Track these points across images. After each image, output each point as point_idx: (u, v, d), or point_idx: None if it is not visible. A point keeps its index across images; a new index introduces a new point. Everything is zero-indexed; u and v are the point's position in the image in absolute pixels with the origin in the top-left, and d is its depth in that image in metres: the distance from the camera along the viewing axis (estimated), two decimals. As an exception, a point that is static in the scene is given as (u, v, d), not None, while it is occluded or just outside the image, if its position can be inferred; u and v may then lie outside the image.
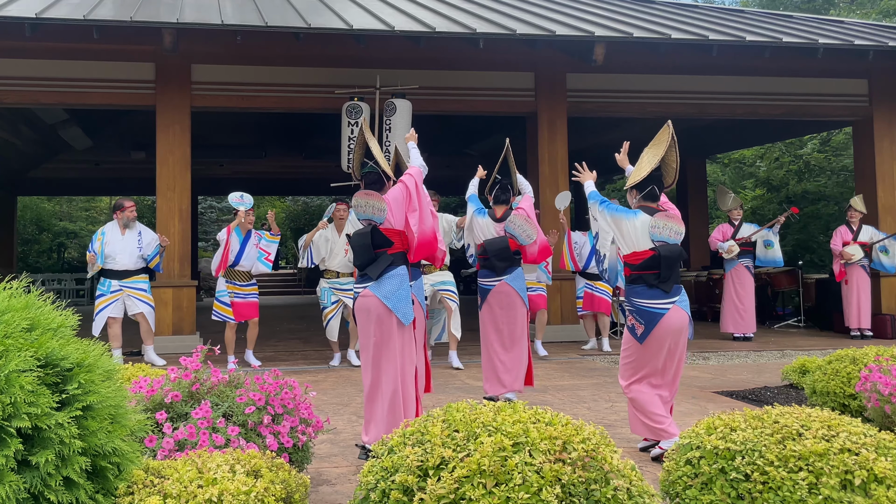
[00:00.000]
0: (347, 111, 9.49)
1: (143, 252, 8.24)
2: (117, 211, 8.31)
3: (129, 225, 8.25)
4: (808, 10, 23.21)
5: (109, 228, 8.26)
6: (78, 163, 17.72)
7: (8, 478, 2.14)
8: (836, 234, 10.75)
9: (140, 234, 8.27)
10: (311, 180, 20.97)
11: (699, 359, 8.75)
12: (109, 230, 8.24)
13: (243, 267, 8.02)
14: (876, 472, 2.61)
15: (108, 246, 8.14)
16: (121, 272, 8.13)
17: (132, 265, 8.19)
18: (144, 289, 8.26)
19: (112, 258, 8.12)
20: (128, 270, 8.16)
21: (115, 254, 8.12)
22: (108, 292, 8.08)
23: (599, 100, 10.80)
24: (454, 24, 9.21)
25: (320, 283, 8.25)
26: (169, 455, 3.18)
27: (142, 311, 8.19)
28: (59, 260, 25.08)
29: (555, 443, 2.47)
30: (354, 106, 9.46)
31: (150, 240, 8.31)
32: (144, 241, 8.24)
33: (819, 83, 11.19)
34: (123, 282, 8.13)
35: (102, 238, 8.16)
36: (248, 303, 8.03)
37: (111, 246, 8.14)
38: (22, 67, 9.41)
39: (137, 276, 8.23)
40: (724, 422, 2.99)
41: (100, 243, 8.12)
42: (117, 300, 8.11)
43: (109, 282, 8.12)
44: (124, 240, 8.19)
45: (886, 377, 4.45)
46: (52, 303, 2.65)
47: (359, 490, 2.64)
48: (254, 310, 8.09)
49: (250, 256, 8.03)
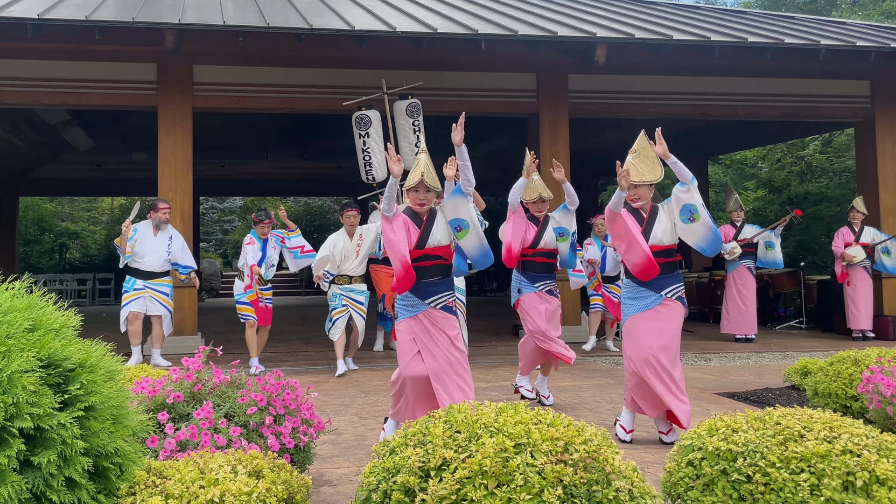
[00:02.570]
0: (356, 122, 9.30)
1: (171, 256, 8.26)
2: (151, 211, 8.34)
3: (161, 226, 8.27)
4: (810, 12, 23.20)
5: (142, 227, 8.28)
6: (80, 163, 17.75)
7: (10, 478, 2.14)
8: (837, 235, 10.75)
9: (171, 237, 8.30)
10: (313, 181, 21.01)
11: (700, 360, 8.75)
12: (142, 228, 8.26)
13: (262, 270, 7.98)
14: (878, 474, 2.61)
15: (138, 244, 8.15)
16: (146, 272, 8.16)
17: (158, 267, 8.22)
18: (167, 292, 8.30)
19: (140, 257, 8.13)
20: (153, 272, 8.19)
21: (143, 253, 8.14)
22: (132, 289, 8.13)
23: (601, 101, 10.80)
24: (456, 24, 9.22)
25: (331, 287, 8.09)
26: (171, 455, 3.18)
27: (160, 313, 8.21)
28: (61, 260, 25.10)
29: (556, 444, 2.47)
30: (363, 117, 9.27)
31: (180, 245, 8.33)
32: (174, 246, 8.27)
33: (821, 84, 11.19)
34: (148, 282, 8.16)
35: (134, 234, 8.16)
36: (264, 308, 8.02)
37: (141, 244, 8.15)
38: (24, 68, 9.42)
39: (162, 278, 8.27)
40: (725, 423, 2.99)
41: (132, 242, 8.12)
42: (140, 297, 8.15)
43: (134, 280, 8.16)
44: (155, 241, 8.21)
45: (888, 379, 4.44)
46: (54, 303, 2.65)
47: (360, 491, 2.64)
48: (268, 315, 8.09)
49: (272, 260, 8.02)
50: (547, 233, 5.94)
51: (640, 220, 4.88)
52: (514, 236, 5.77)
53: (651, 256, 4.68)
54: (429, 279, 4.39)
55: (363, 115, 9.30)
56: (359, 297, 8.04)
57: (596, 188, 19.78)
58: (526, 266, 5.92)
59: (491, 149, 16.62)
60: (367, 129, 9.30)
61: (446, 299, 4.41)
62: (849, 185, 15.66)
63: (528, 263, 5.93)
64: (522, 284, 5.94)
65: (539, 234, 5.92)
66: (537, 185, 5.91)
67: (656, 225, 4.85)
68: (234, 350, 8.43)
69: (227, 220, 32.33)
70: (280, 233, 8.17)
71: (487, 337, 10.59)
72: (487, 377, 7.46)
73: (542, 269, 5.94)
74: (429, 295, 4.37)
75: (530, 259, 5.92)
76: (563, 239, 5.99)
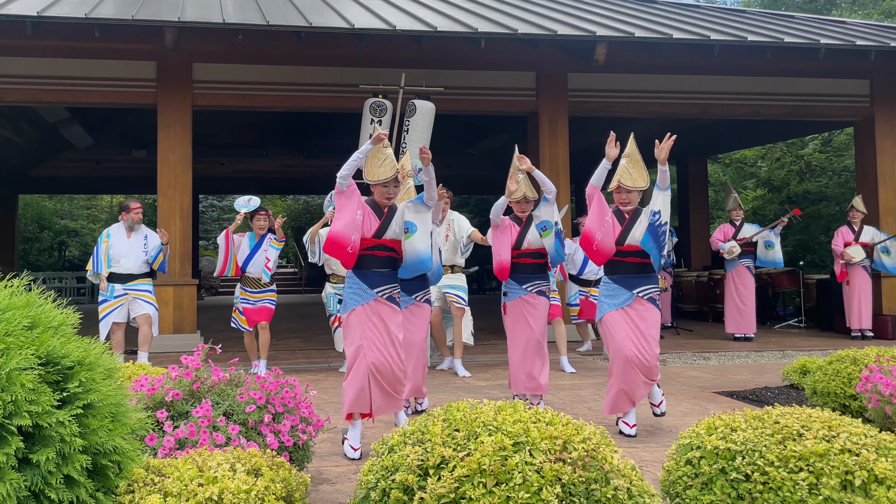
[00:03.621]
0: (371, 108, 8.94)
1: (148, 256, 7.96)
2: (123, 212, 8.01)
3: (134, 227, 7.94)
4: (810, 11, 23.19)
5: (115, 230, 7.96)
6: (79, 161, 17.75)
7: (9, 476, 2.14)
8: (837, 234, 10.75)
9: (146, 237, 7.99)
10: (312, 179, 20.96)
11: (699, 359, 8.75)
12: (115, 232, 7.94)
13: (252, 273, 7.69)
14: (876, 473, 2.61)
15: (113, 248, 7.85)
16: (125, 276, 7.82)
17: (136, 269, 7.89)
18: (149, 290, 7.97)
19: (117, 261, 7.81)
20: (132, 274, 7.86)
21: (119, 256, 7.82)
22: (112, 297, 7.77)
23: (601, 99, 10.80)
24: (456, 23, 9.21)
25: (326, 287, 7.89)
26: (169, 453, 3.18)
27: (147, 311, 7.86)
28: (60, 258, 25.11)
29: (555, 442, 2.47)
30: (379, 104, 8.96)
31: (157, 243, 8.00)
32: (150, 245, 7.96)
33: (820, 83, 11.19)
34: (128, 285, 7.82)
35: (108, 240, 7.87)
36: (257, 308, 7.68)
37: (116, 248, 7.85)
38: (23, 66, 9.42)
39: (142, 279, 7.94)
40: (724, 422, 2.99)
41: (105, 245, 7.84)
42: (121, 305, 7.80)
43: (113, 286, 7.79)
44: (129, 242, 7.89)
45: (887, 378, 4.44)
46: (52, 301, 2.65)
47: (359, 489, 2.64)
48: (264, 314, 7.72)
49: (258, 263, 7.67)
50: (530, 233, 5.69)
51: (621, 220, 5.16)
52: (502, 247, 5.62)
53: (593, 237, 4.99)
54: (379, 269, 4.62)
55: (380, 101, 9.00)
56: None
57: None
58: (513, 268, 5.67)
59: (490, 147, 16.64)
60: (381, 117, 9.03)
61: (391, 291, 4.66)
62: (848, 185, 15.67)
63: (514, 266, 5.67)
64: (510, 288, 5.71)
65: (521, 234, 5.69)
66: (522, 184, 5.68)
67: (636, 227, 5.09)
68: (232, 348, 8.42)
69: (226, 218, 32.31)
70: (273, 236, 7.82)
71: (486, 335, 10.59)
72: (486, 375, 7.46)
73: (531, 271, 5.68)
74: (377, 284, 4.59)
75: (514, 261, 5.67)
76: (547, 233, 5.70)
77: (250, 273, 7.69)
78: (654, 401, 5.32)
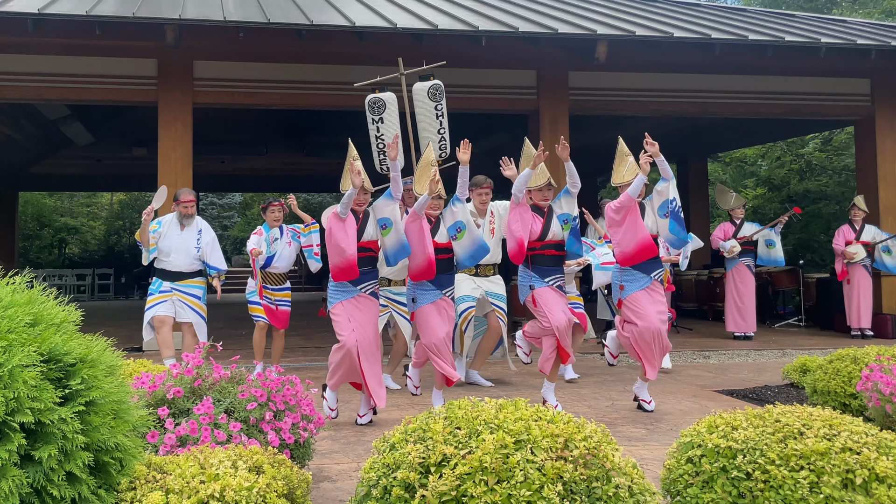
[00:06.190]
0: (369, 106, 8.15)
1: (200, 253, 7.13)
2: (174, 202, 7.29)
3: (185, 221, 7.13)
4: (811, 10, 23.18)
5: (167, 220, 7.14)
6: (79, 159, 17.74)
7: (11, 472, 2.15)
8: (838, 233, 10.74)
9: (200, 231, 7.18)
10: (313, 177, 21.00)
11: (700, 357, 8.76)
12: (167, 222, 7.13)
13: (276, 269, 7.16)
14: (877, 471, 2.61)
15: (163, 240, 7.06)
16: (174, 273, 7.06)
17: (186, 266, 7.08)
18: (199, 296, 7.14)
19: (166, 255, 7.04)
20: (181, 272, 7.07)
21: (169, 250, 7.04)
22: (158, 291, 7.04)
23: (601, 98, 10.79)
24: (457, 21, 9.20)
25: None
26: (171, 451, 3.19)
27: (191, 320, 7.06)
28: (61, 255, 25.12)
29: (556, 440, 2.48)
30: (376, 100, 8.19)
31: (210, 240, 7.22)
32: (204, 241, 7.15)
33: (821, 82, 11.18)
34: (176, 284, 7.06)
35: (158, 227, 7.08)
36: (277, 312, 7.23)
37: (167, 241, 7.06)
38: (24, 63, 9.40)
39: (192, 279, 7.14)
40: (725, 420, 2.99)
41: (156, 235, 7.06)
42: (167, 301, 7.03)
43: (160, 281, 7.06)
44: (182, 236, 7.08)
45: (887, 377, 4.45)
46: (54, 298, 2.65)
47: (360, 486, 2.64)
48: (282, 320, 7.27)
49: (283, 257, 7.14)
50: (554, 223, 5.52)
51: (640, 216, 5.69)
52: (523, 229, 5.41)
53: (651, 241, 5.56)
54: (362, 268, 5.18)
55: (377, 98, 8.26)
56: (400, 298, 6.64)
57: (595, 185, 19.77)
58: (535, 261, 5.46)
59: (491, 146, 16.64)
60: (381, 115, 8.65)
61: (373, 287, 5.29)
62: (848, 184, 15.66)
63: (536, 258, 5.46)
64: (534, 280, 5.49)
65: (546, 224, 5.49)
66: (545, 170, 5.51)
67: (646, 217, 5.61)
68: (234, 346, 8.43)
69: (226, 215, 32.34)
70: (297, 227, 7.29)
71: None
72: (487, 374, 7.46)
73: (552, 263, 5.51)
74: (360, 282, 5.20)
75: (539, 252, 5.46)
76: (567, 227, 5.58)
77: (274, 269, 7.17)
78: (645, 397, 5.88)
